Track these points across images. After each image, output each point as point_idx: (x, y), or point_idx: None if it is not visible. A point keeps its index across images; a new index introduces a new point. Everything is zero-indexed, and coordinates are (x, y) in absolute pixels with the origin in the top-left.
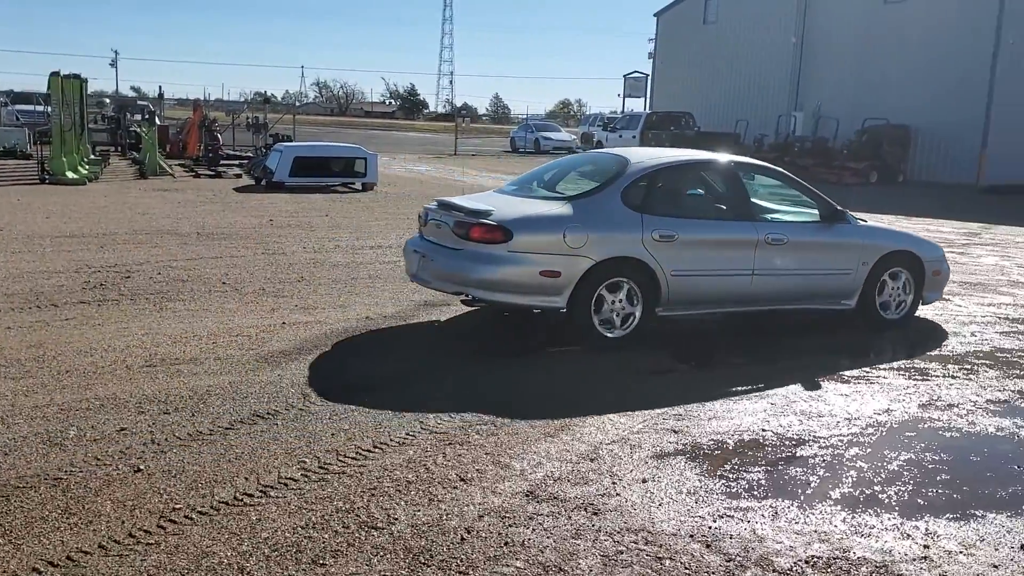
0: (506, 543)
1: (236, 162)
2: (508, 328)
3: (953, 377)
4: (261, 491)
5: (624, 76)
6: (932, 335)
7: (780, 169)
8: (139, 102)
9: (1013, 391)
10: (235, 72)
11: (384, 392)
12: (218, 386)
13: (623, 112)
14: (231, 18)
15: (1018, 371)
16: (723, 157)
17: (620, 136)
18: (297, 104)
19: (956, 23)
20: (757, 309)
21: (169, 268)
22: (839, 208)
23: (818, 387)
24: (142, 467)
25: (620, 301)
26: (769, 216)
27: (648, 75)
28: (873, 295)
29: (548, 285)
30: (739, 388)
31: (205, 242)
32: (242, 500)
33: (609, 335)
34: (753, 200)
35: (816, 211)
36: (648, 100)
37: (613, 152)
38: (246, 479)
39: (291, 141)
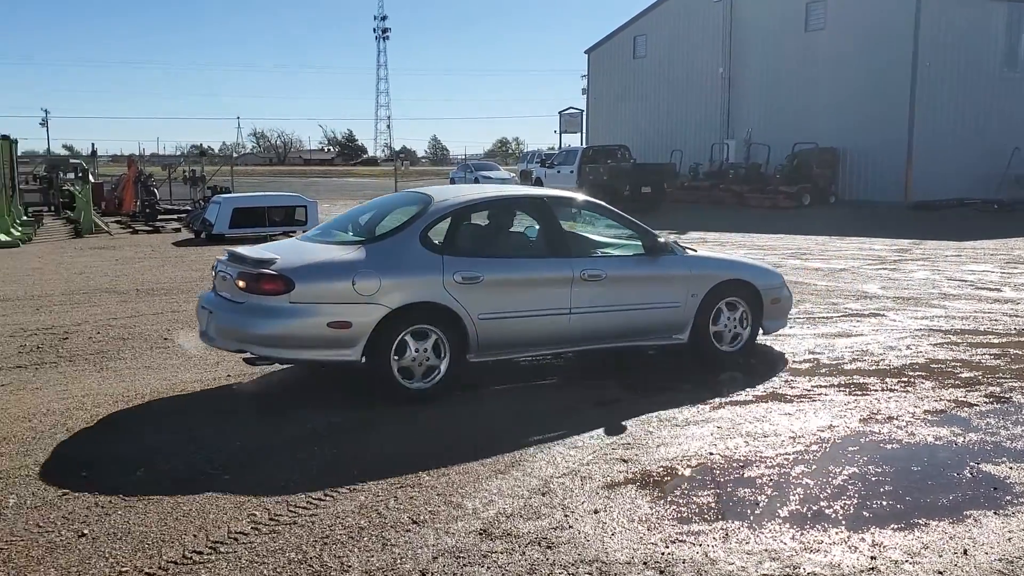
0: None
1: (174, 216)
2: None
3: (891, 390)
4: (211, 548)
5: (559, 112)
6: (867, 351)
7: (597, 201)
8: (71, 160)
9: (949, 400)
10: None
11: (340, 436)
12: (167, 443)
13: (560, 148)
14: (164, 71)
15: (952, 381)
16: (534, 192)
17: (558, 172)
18: (234, 155)
19: (875, 48)
20: (580, 349)
21: (108, 327)
22: (662, 240)
23: (763, 407)
24: (86, 531)
25: (425, 350)
26: (590, 251)
27: (583, 111)
28: (707, 327)
29: (338, 337)
30: (685, 413)
31: (145, 298)
32: (190, 559)
33: (411, 387)
34: (580, 235)
35: (640, 243)
36: (584, 135)
37: (419, 191)
38: (195, 536)
39: (229, 192)
